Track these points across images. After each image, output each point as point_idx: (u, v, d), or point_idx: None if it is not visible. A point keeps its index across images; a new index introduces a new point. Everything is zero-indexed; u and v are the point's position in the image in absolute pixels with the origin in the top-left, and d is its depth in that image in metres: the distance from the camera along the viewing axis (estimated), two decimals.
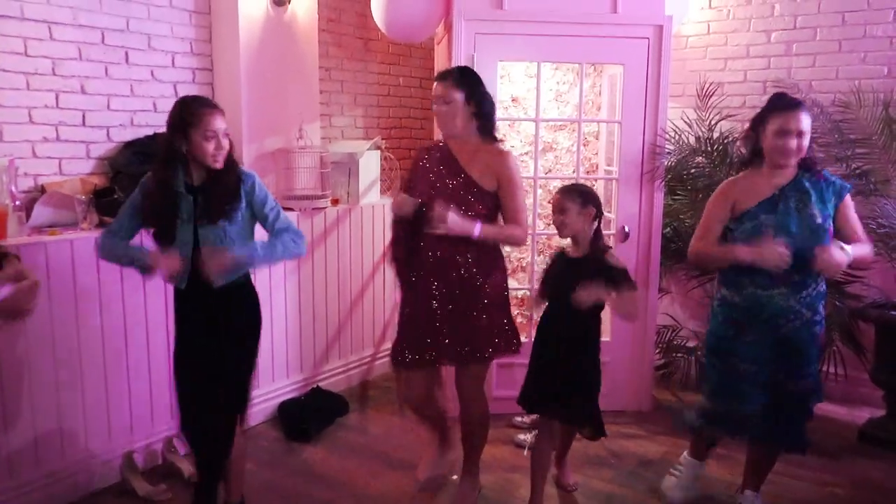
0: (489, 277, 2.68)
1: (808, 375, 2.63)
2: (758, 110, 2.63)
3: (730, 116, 4.05)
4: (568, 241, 2.75)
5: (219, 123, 2.36)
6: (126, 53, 3.32)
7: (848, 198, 2.59)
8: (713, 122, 3.98)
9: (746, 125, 2.70)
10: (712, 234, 2.66)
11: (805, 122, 2.50)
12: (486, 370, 2.81)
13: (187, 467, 3.04)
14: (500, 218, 2.72)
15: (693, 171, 3.94)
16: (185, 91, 3.58)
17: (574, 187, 2.68)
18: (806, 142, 2.50)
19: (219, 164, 2.37)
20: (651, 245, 3.78)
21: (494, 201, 2.65)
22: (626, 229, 3.75)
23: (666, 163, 3.77)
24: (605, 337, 3.85)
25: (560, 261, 2.75)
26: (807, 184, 2.55)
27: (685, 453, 3.02)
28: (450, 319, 2.66)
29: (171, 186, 2.36)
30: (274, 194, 3.72)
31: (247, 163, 3.66)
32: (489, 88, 3.53)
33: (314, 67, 4.07)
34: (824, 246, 2.43)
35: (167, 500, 2.92)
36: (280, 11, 3.76)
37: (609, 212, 4.04)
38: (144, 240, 2.51)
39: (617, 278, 2.56)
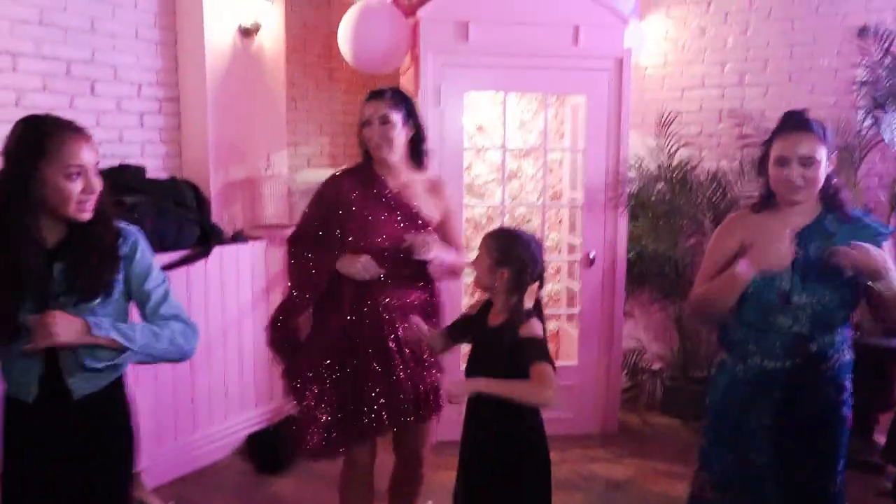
0: (438, 319, 2.44)
1: (837, 474, 2.07)
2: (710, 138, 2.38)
3: (688, 144, 4.20)
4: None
5: (87, 155, 1.62)
6: (92, 85, 3.31)
7: (886, 246, 2.00)
8: (672, 150, 4.12)
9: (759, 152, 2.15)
10: (711, 276, 2.13)
11: (811, 146, 1.97)
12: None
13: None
14: None
15: (654, 197, 4.06)
16: (151, 122, 3.58)
17: (498, 234, 2.06)
18: (818, 172, 1.98)
19: (87, 215, 1.64)
20: (616, 270, 3.86)
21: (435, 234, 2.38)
22: (592, 255, 3.83)
23: (629, 189, 3.88)
24: (572, 361, 3.94)
25: (480, 320, 2.09)
26: (829, 226, 2.03)
27: None
28: (412, 376, 2.31)
29: (19, 250, 1.59)
30: (241, 224, 3.80)
31: (213, 192, 3.65)
32: (456, 119, 3.66)
33: (281, 96, 4.09)
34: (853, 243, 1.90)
35: None
36: (247, 42, 3.79)
37: (575, 236, 4.13)
38: None
39: (525, 352, 1.88)
